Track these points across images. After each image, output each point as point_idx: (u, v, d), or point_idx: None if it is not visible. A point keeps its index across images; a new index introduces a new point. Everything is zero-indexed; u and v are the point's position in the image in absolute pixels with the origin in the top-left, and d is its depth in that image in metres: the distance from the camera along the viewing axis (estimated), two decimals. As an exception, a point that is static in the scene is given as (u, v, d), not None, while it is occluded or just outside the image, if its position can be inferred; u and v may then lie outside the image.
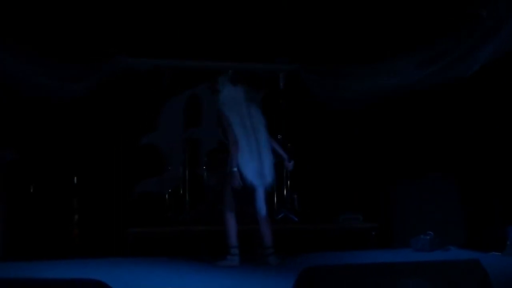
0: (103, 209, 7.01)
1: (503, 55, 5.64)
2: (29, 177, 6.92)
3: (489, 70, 5.85)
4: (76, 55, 6.64)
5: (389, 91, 6.72)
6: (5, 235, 5.97)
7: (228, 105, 5.13)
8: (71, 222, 6.82)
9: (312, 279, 2.57)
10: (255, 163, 5.01)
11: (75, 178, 7.20)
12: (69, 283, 2.33)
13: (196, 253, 5.74)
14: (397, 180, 6.96)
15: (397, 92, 6.68)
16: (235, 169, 4.89)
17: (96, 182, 7.22)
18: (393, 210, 6.98)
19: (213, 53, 7.31)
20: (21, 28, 6.18)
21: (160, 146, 7.73)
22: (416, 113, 7.08)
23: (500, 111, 6.34)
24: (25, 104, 6.62)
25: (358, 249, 6.20)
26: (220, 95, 5.16)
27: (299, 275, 2.63)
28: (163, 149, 7.70)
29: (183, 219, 7.00)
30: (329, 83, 7.08)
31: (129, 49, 7.09)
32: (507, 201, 6.15)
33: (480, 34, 5.72)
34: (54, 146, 7.03)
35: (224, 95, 5.16)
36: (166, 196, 7.32)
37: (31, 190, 6.92)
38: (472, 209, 6.43)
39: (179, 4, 6.99)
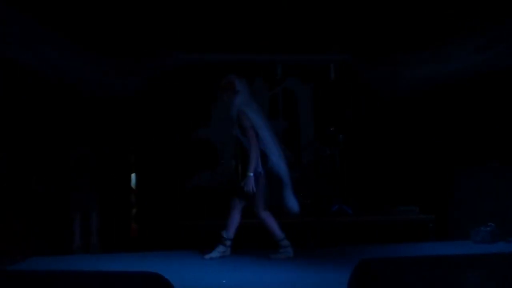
0: (158, 203, 7.12)
1: None
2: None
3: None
4: (134, 52, 6.76)
5: (446, 77, 6.66)
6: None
7: (249, 106, 5.10)
8: (129, 216, 6.96)
9: (368, 272, 2.53)
10: (283, 161, 5.06)
11: (133, 174, 7.34)
12: (128, 276, 2.40)
13: (249, 245, 5.76)
14: (454, 170, 6.83)
15: (454, 79, 6.60)
16: (252, 174, 4.87)
17: (152, 176, 7.35)
18: (451, 201, 6.83)
19: (263, 46, 7.34)
20: (81, 27, 6.30)
21: (213, 140, 7.80)
22: (474, 100, 6.94)
23: None
24: (86, 101, 6.74)
25: (415, 241, 6.10)
26: (240, 95, 5.08)
27: (355, 268, 2.60)
28: (216, 143, 7.76)
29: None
30: (383, 71, 7.06)
31: (184, 45, 7.19)
32: None
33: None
34: (112, 142, 7.16)
35: (243, 96, 5.10)
36: (218, 189, 7.39)
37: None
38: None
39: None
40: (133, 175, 7.33)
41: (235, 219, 5.01)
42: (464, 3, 6.13)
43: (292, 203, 5.00)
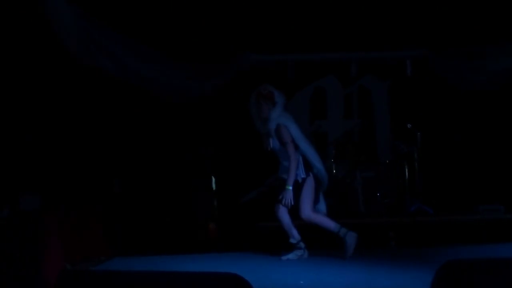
0: (236, 204, 7.14)
1: None
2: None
3: None
4: (203, 54, 6.80)
5: None
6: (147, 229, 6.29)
7: (286, 117, 5.00)
8: (209, 218, 7.01)
9: (453, 274, 2.43)
10: (324, 168, 5.13)
11: (213, 178, 7.39)
12: (207, 276, 2.43)
13: (323, 246, 5.62)
14: None
15: None
16: (291, 187, 4.86)
17: (231, 178, 7.39)
18: None
19: (337, 44, 7.34)
20: (150, 31, 6.39)
21: None
22: None
23: None
24: (156, 104, 6.84)
25: (500, 242, 5.78)
26: (277, 107, 4.94)
27: (439, 270, 2.50)
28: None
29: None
30: (461, 65, 6.92)
31: (254, 46, 7.20)
32: None
33: None
34: (190, 145, 7.26)
35: (280, 108, 4.98)
36: None
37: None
38: None
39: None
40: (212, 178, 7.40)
41: (286, 221, 5.01)
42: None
43: (321, 204, 5.08)
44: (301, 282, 4.09)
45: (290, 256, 5.03)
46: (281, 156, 5.00)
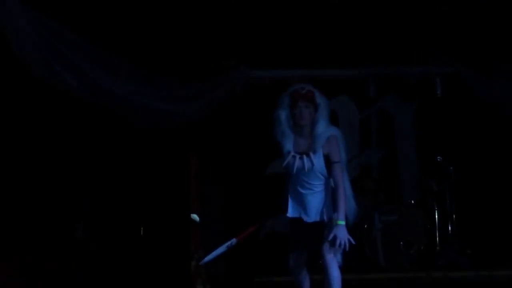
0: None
1: None
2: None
3: None
4: (192, 70, 6.69)
5: None
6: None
7: (337, 129, 4.37)
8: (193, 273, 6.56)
9: None
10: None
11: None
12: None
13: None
14: None
15: None
16: (344, 222, 4.10)
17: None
18: None
19: (351, 57, 7.03)
20: (125, 40, 6.27)
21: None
22: None
23: None
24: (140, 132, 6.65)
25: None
26: (322, 113, 4.28)
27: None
28: None
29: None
30: (505, 84, 6.63)
31: (250, 60, 6.96)
32: None
33: None
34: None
35: (326, 115, 4.32)
36: None
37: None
38: None
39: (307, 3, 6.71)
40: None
41: (336, 277, 4.19)
42: None
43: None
44: None
45: None
46: (314, 182, 4.26)
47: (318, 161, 4.20)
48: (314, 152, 4.19)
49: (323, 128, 4.22)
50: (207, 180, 7.19)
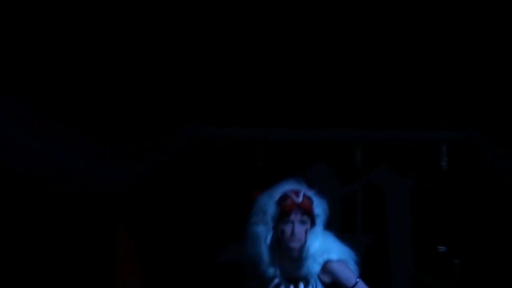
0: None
1: None
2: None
3: None
4: (130, 128, 6.57)
5: None
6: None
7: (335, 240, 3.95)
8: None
9: None
10: None
11: None
12: None
13: None
14: None
15: None
16: None
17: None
18: None
19: (331, 116, 6.78)
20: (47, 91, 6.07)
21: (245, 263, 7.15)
22: None
23: None
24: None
25: None
26: (319, 225, 3.78)
27: None
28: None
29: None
30: None
31: (202, 116, 6.84)
32: None
33: None
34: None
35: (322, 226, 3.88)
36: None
37: None
38: None
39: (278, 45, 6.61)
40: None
41: None
42: None
43: None
44: None
45: None
46: None
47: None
48: (307, 282, 3.72)
49: (324, 249, 3.71)
50: (135, 264, 7.12)
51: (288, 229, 3.61)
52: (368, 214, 7.39)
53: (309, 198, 3.70)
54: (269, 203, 3.71)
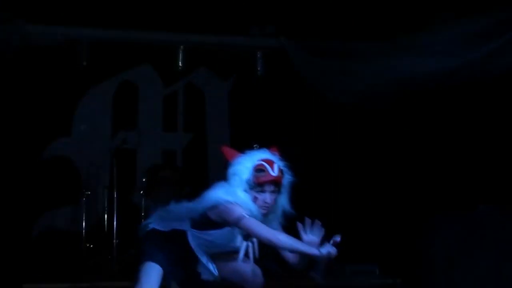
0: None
1: None
2: None
3: None
4: None
5: (424, 81, 6.42)
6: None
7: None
8: None
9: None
10: None
11: None
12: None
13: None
14: (429, 215, 6.54)
15: (436, 83, 6.42)
16: None
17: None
18: (425, 259, 6.46)
19: (154, 18, 6.82)
20: None
21: (74, 158, 7.38)
22: (459, 116, 6.73)
23: None
24: None
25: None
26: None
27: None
28: (79, 163, 7.36)
29: (108, 269, 6.60)
30: (334, 66, 6.75)
31: (29, 13, 6.61)
32: None
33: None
34: None
35: None
36: (83, 234, 6.79)
37: None
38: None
39: None
40: None
41: None
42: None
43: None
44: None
45: None
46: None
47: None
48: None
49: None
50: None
51: (261, 197, 3.95)
52: (187, 112, 7.59)
53: (282, 171, 4.03)
54: (245, 169, 4.00)
